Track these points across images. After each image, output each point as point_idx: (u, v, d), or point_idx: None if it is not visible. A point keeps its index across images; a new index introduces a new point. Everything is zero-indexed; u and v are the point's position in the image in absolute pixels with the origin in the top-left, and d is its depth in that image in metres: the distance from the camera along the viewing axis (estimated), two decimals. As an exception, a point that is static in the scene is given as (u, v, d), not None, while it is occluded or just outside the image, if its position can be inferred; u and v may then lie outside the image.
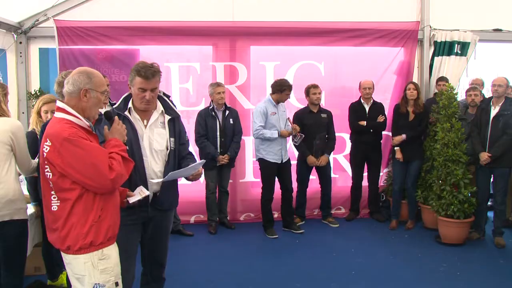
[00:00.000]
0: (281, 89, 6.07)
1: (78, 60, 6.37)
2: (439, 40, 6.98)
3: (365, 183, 6.90)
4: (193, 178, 3.33)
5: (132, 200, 3.03)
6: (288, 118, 6.24)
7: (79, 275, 2.66)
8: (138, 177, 3.16)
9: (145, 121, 3.28)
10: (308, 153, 6.40)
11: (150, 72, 3.11)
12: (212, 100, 6.21)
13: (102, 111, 2.91)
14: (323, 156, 6.44)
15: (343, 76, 7.11)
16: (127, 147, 3.02)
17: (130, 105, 3.26)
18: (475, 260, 5.37)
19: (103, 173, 2.55)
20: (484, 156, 5.62)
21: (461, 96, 6.81)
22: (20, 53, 6.43)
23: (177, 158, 3.39)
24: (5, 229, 3.45)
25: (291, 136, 6.23)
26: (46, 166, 2.62)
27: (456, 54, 6.97)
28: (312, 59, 6.95)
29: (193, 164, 3.22)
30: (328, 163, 6.58)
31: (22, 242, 3.55)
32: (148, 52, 6.62)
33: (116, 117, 2.93)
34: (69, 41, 6.33)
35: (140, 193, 3.06)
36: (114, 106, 2.88)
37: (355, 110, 6.67)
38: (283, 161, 6.16)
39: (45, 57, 6.59)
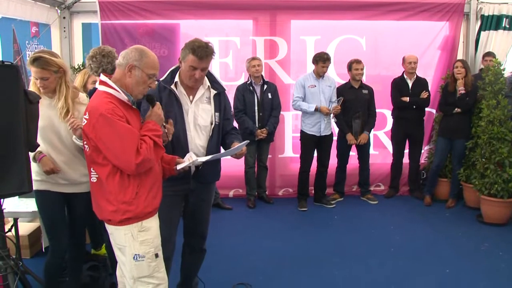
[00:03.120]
0: (315, 60, 6.07)
1: (120, 34, 6.45)
2: (486, 14, 6.73)
3: (405, 160, 6.78)
4: (236, 157, 3.33)
5: (180, 166, 3.00)
6: (341, 98, 6.16)
7: (121, 246, 2.74)
8: (181, 151, 3.18)
9: (190, 97, 3.28)
10: (347, 131, 6.34)
11: (205, 53, 3.12)
12: (249, 75, 6.21)
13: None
14: (363, 134, 6.35)
15: (385, 51, 6.94)
16: (172, 121, 3.06)
17: (176, 79, 3.26)
18: (518, 241, 5.25)
19: (129, 156, 2.55)
20: (531, 135, 5.44)
21: (508, 72, 6.57)
22: (64, 28, 6.55)
23: (221, 132, 3.40)
24: None
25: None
26: (85, 139, 2.69)
27: (504, 28, 6.69)
28: (354, 33, 6.80)
29: (236, 146, 3.21)
30: (368, 139, 6.51)
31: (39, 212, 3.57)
32: (188, 27, 6.65)
33: (158, 103, 2.91)
34: (111, 16, 6.39)
35: (189, 159, 3.03)
36: (161, 79, 2.87)
37: (398, 86, 6.50)
38: (322, 134, 6.14)
39: (88, 31, 6.71)
